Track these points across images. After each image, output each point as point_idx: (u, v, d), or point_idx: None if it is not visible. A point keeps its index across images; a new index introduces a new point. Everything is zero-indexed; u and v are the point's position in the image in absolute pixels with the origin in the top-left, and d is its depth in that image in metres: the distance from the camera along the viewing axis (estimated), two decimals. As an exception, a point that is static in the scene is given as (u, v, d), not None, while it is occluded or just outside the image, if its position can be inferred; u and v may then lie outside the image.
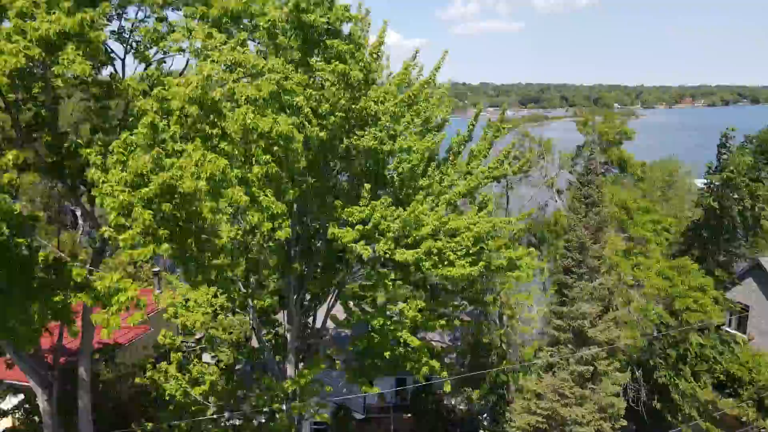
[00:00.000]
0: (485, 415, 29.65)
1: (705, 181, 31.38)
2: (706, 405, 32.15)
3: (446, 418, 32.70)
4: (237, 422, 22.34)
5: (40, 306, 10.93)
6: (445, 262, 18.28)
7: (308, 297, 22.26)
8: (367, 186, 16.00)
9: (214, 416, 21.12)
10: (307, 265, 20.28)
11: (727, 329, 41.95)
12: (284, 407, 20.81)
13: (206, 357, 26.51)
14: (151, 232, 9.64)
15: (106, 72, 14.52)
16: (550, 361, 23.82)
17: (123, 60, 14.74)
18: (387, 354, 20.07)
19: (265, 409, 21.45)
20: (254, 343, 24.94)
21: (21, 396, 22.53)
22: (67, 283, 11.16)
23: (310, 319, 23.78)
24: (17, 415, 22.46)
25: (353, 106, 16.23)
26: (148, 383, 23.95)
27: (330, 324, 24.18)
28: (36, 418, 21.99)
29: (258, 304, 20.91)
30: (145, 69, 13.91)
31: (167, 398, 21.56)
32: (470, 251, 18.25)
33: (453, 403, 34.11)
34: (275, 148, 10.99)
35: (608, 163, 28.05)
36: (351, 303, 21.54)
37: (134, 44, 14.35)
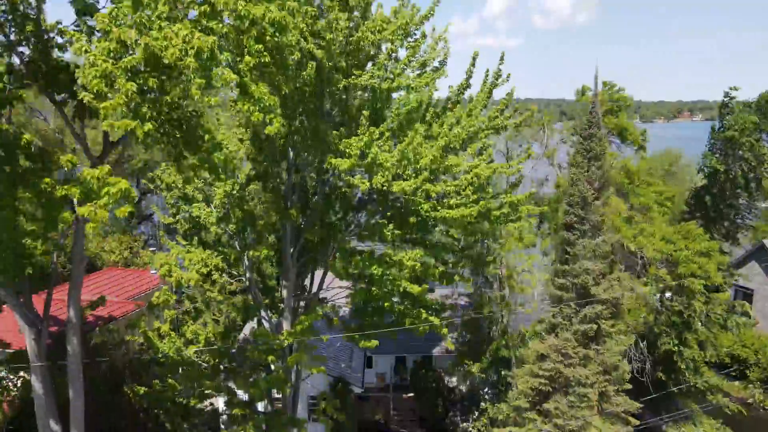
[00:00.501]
0: (486, 390, 28.96)
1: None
2: (713, 387, 31.56)
3: (447, 398, 32.02)
4: (232, 384, 21.74)
5: (28, 193, 10.42)
6: (445, 206, 17.94)
7: (305, 258, 21.82)
8: (366, 113, 15.62)
9: (208, 371, 20.54)
10: (303, 214, 19.85)
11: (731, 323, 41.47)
12: (280, 363, 20.24)
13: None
14: (134, 108, 9.21)
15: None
16: (552, 322, 23.25)
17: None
18: (387, 305, 19.54)
19: (261, 366, 20.93)
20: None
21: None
22: (54, 168, 10.72)
23: (307, 282, 23.28)
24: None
25: (351, 37, 15.93)
26: (140, 342, 23.47)
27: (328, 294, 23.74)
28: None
29: (253, 254, 20.39)
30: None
31: (161, 357, 21.04)
32: (470, 198, 17.88)
33: (454, 382, 33.44)
34: (267, 38, 10.61)
35: (609, 132, 27.64)
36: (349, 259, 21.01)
37: None
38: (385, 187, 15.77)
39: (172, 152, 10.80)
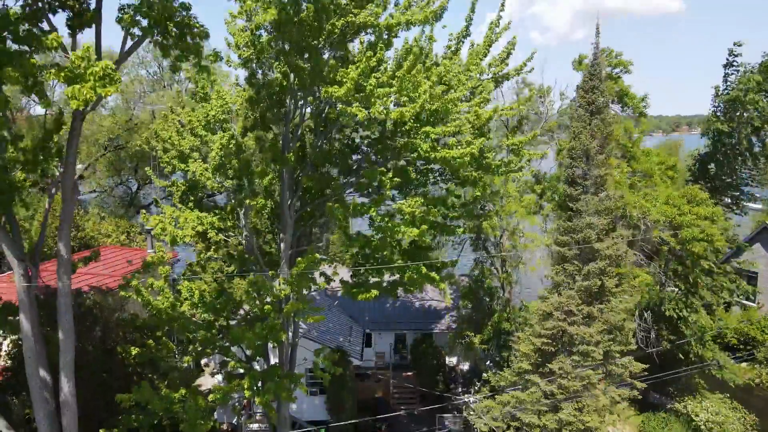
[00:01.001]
0: (488, 363, 28.34)
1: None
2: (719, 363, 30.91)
3: (448, 375, 31.39)
4: (226, 343, 21.20)
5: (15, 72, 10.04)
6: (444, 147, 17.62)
7: (303, 210, 21.40)
8: (363, 37, 15.33)
9: (202, 322, 20.03)
10: (301, 162, 19.52)
11: (736, 299, 40.87)
12: (279, 319, 19.73)
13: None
14: None
15: None
16: (555, 280, 22.76)
17: None
18: (387, 254, 19.11)
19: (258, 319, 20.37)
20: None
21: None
22: (39, 48, 10.36)
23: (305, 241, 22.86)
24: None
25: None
26: (130, 297, 22.93)
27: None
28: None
29: (250, 203, 19.99)
30: None
31: (154, 312, 20.52)
32: (470, 140, 17.56)
33: (455, 361, 32.87)
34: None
35: (611, 101, 27.36)
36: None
37: None
38: (383, 116, 15.41)
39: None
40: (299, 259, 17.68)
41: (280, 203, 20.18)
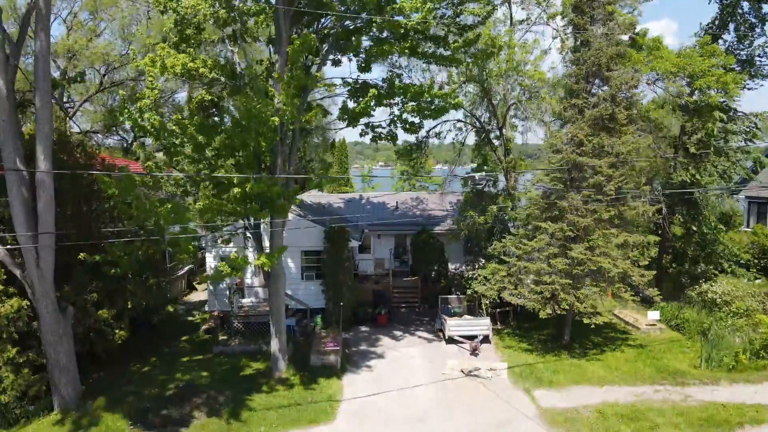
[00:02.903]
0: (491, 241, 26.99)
1: None
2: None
3: (449, 276, 30.01)
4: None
5: None
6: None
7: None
8: None
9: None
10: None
11: (745, 228, 39.68)
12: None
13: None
14: None
15: None
16: (565, 116, 21.73)
17: None
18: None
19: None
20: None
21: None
22: None
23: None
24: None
25: None
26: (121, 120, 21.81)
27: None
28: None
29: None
30: None
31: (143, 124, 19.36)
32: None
33: (455, 268, 31.47)
34: None
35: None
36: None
37: None
38: None
39: None
40: (293, 37, 16.66)
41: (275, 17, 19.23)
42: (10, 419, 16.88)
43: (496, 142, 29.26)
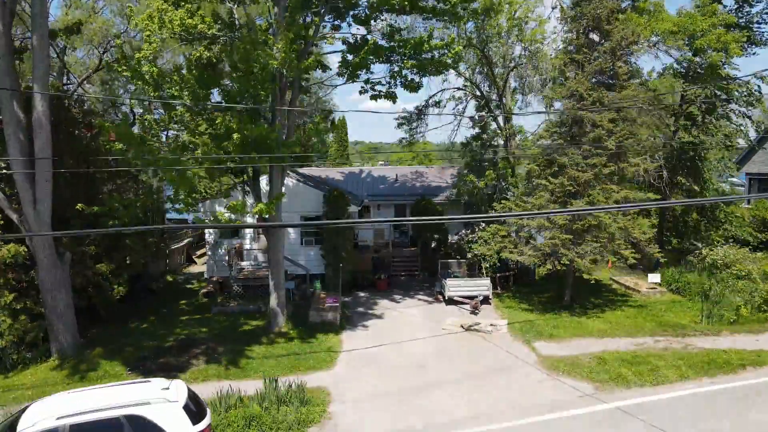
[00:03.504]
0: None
1: None
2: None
3: (449, 245, 29.88)
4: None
5: None
6: None
7: None
8: None
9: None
10: None
11: (746, 206, 39.45)
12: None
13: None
14: None
15: None
16: (566, 73, 21.63)
17: None
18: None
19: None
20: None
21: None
22: None
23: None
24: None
25: None
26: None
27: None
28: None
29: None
30: None
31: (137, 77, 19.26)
32: None
33: (455, 238, 31.33)
34: None
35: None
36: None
37: None
38: None
39: None
40: None
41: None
42: (8, 364, 16.80)
43: (496, 112, 29.19)
